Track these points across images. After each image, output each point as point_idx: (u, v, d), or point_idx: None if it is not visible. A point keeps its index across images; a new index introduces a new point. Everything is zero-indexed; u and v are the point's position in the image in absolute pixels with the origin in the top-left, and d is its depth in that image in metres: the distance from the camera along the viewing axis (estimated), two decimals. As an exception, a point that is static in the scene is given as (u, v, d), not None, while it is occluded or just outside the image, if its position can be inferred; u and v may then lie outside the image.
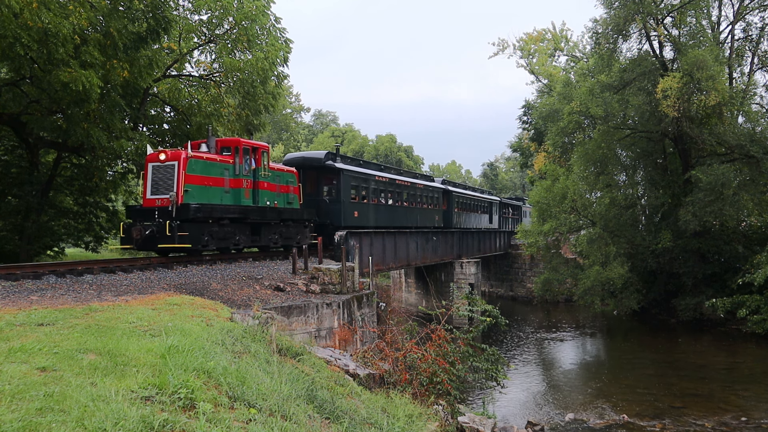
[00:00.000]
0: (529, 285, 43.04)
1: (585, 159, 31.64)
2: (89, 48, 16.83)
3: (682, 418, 15.86)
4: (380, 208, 26.09)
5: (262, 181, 18.30)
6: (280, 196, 19.41)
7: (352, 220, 23.20)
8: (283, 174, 19.83)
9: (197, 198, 15.74)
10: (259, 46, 22.91)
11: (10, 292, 10.19)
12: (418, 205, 30.39)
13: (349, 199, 23.32)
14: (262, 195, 18.30)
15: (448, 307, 14.79)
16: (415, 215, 29.69)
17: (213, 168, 16.60)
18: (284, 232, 19.74)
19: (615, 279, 28.69)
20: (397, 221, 27.50)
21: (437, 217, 32.86)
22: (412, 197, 29.74)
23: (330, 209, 22.79)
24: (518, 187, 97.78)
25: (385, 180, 26.78)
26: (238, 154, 17.39)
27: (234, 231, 17.17)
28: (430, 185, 32.45)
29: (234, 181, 17.26)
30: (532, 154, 55.74)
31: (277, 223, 19.26)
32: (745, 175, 27.74)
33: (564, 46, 53.73)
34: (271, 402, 5.61)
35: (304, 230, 20.89)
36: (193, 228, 15.36)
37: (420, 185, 30.79)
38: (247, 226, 17.91)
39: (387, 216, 26.53)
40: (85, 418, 4.08)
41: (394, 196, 27.71)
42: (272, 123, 52.95)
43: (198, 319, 8.52)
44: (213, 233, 16.26)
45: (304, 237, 20.80)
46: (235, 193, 17.29)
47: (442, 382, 11.32)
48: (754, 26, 31.38)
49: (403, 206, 28.48)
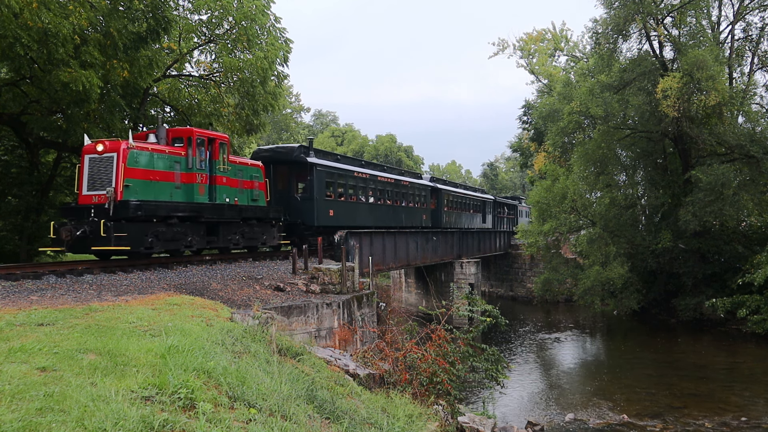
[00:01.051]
0: (529, 285, 43.03)
1: (585, 159, 31.64)
2: (89, 48, 16.83)
3: (682, 418, 15.85)
4: (359, 207, 24.69)
5: (220, 176, 16.72)
6: (243, 193, 17.81)
7: (326, 219, 21.80)
8: (246, 168, 18.26)
9: (140, 194, 14.11)
10: (259, 45, 22.90)
11: (10, 292, 10.19)
12: (403, 204, 29.09)
13: (323, 197, 21.74)
14: (220, 191, 16.69)
15: (448, 307, 14.78)
16: (399, 214, 28.37)
17: (161, 161, 14.94)
18: (247, 232, 18.09)
19: (615, 279, 28.69)
20: (379, 221, 26.10)
21: (425, 217, 31.49)
22: (397, 195, 28.44)
23: (301, 207, 21.27)
24: (518, 187, 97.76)
25: (365, 176, 25.37)
26: (191, 145, 15.69)
27: (185, 231, 15.43)
28: (416, 182, 31.15)
29: (186, 176, 15.58)
30: (532, 154, 55.74)
31: (237, 223, 17.63)
32: (745, 175, 27.74)
33: (564, 46, 53.74)
34: (271, 402, 5.61)
35: (270, 230, 19.31)
36: (134, 228, 13.79)
37: (405, 182, 29.42)
38: (201, 226, 16.19)
39: (367, 215, 25.16)
40: (85, 418, 4.08)
41: (376, 194, 26.30)
42: (272, 123, 52.93)
43: (198, 319, 8.52)
44: (159, 234, 14.56)
45: (271, 237, 19.31)
46: (188, 188, 15.61)
47: (442, 382, 11.32)
48: (754, 26, 31.42)
49: (386, 204, 27.14)
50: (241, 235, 17.82)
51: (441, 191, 34.07)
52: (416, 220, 30.24)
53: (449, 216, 35.34)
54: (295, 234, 20.99)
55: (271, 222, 19.36)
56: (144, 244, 14.19)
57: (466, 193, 39.97)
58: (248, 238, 18.20)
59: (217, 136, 16.84)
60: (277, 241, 19.70)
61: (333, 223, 22.14)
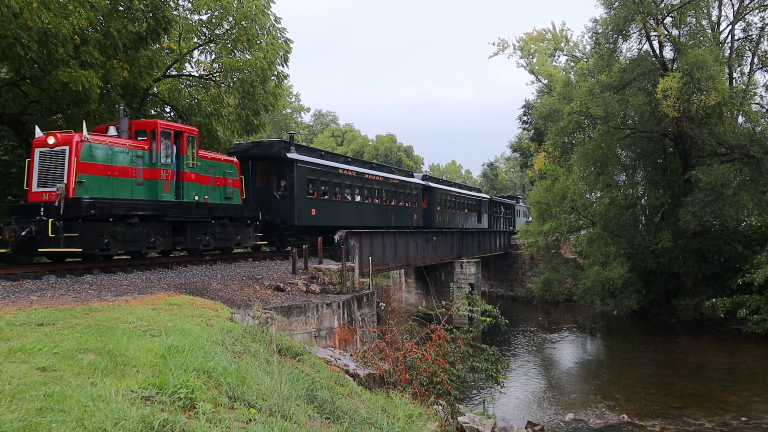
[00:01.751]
0: (529, 285, 43.01)
1: (585, 159, 31.65)
2: (89, 48, 16.83)
3: (682, 418, 15.85)
4: (344, 206, 23.56)
5: (188, 172, 15.61)
6: (215, 190, 16.77)
7: (307, 219, 20.66)
8: (218, 164, 17.13)
9: (96, 191, 13.03)
10: (259, 45, 22.90)
11: (10, 292, 10.19)
12: (393, 203, 27.92)
13: (304, 195, 20.57)
14: (188, 188, 15.59)
15: (448, 307, 14.79)
16: (388, 214, 27.15)
17: (120, 155, 13.85)
18: (219, 233, 16.89)
19: (615, 279, 28.70)
20: (366, 220, 24.99)
21: (416, 216, 30.33)
22: (385, 193, 27.26)
23: (281, 206, 20.02)
24: (518, 188, 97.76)
25: (351, 174, 24.16)
26: (156, 139, 14.57)
27: (148, 231, 14.33)
28: (407, 180, 29.90)
29: (150, 172, 14.50)
30: (532, 154, 55.74)
31: (208, 222, 16.47)
32: (745, 175, 27.74)
33: (564, 46, 53.73)
34: (271, 402, 5.61)
35: (246, 230, 18.11)
36: (87, 228, 12.69)
37: (395, 180, 28.16)
38: (166, 226, 15.04)
39: (353, 214, 24.08)
40: (85, 418, 4.08)
41: (363, 192, 25.19)
42: (272, 123, 52.93)
43: (198, 319, 8.52)
44: (117, 234, 13.47)
45: (246, 238, 18.14)
46: (151, 185, 14.53)
47: (442, 382, 11.33)
48: (754, 26, 31.43)
49: (374, 204, 26.00)
50: (212, 236, 16.61)
51: (433, 190, 33.06)
52: (407, 219, 29.15)
53: (442, 216, 34.26)
54: (275, 234, 20.00)
55: (246, 221, 18.18)
56: (99, 245, 13.10)
57: (460, 192, 38.87)
58: (220, 239, 16.98)
59: (184, 129, 15.71)
60: (253, 242, 18.59)
61: (315, 223, 21.22)
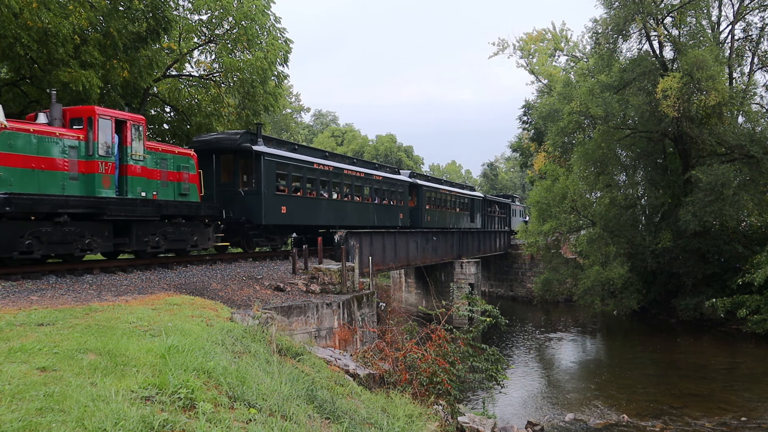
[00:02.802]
0: (529, 285, 43.02)
1: (585, 159, 31.65)
2: (89, 48, 16.85)
3: (682, 418, 15.85)
4: (320, 204, 21.75)
5: (133, 165, 13.96)
6: (168, 186, 15.05)
7: (276, 217, 19.09)
8: (172, 157, 15.38)
9: (17, 185, 11.63)
10: (259, 45, 22.93)
11: (10, 292, 10.19)
12: (376, 201, 26.34)
13: (273, 191, 18.94)
14: (133, 183, 13.99)
15: (448, 307, 14.78)
16: (370, 213, 25.49)
17: (47, 145, 12.31)
18: (171, 233, 15.14)
19: (615, 279, 28.72)
20: (346, 219, 23.33)
21: (402, 215, 28.56)
22: (368, 191, 25.68)
23: (246, 203, 18.44)
24: (518, 187, 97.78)
25: (328, 169, 22.38)
26: (93, 127, 12.92)
27: (82, 232, 12.71)
28: (392, 177, 28.18)
29: (86, 164, 12.87)
30: (532, 154, 55.76)
31: (157, 221, 14.74)
32: (745, 175, 27.75)
33: (564, 46, 53.74)
34: (271, 402, 5.61)
35: (204, 230, 16.35)
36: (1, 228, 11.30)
37: (378, 177, 26.44)
38: (105, 225, 13.37)
39: (330, 212, 22.39)
40: (85, 418, 4.08)
41: (342, 189, 23.32)
42: (272, 123, 52.93)
43: (198, 319, 8.52)
44: (42, 235, 11.96)
45: (205, 239, 16.36)
46: (88, 180, 12.91)
47: (442, 382, 11.32)
48: (754, 26, 31.43)
49: (354, 202, 24.28)
50: (163, 237, 14.89)
51: (421, 188, 31.30)
52: (391, 219, 27.50)
53: (432, 215, 32.51)
54: (240, 234, 18.53)
55: (205, 220, 16.43)
56: (18, 247, 11.56)
57: (451, 190, 36.85)
58: (173, 240, 15.25)
59: (129, 117, 13.97)
60: (213, 243, 16.98)
61: (286, 222, 19.66)
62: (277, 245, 20.40)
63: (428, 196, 32.13)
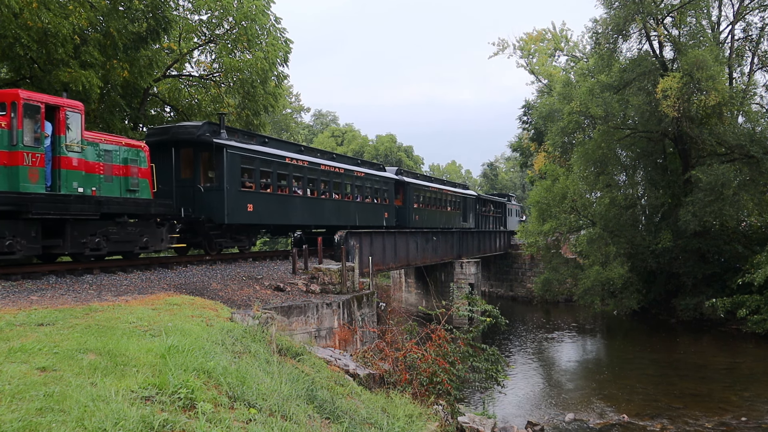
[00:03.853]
0: (529, 285, 43.03)
1: (585, 159, 31.65)
2: (89, 48, 16.85)
3: (682, 418, 15.85)
4: (293, 201, 20.05)
5: (68, 157, 12.33)
6: (112, 181, 13.43)
7: (241, 216, 17.59)
8: (117, 149, 13.70)
9: None
10: (259, 46, 22.93)
11: (10, 292, 10.19)
12: (358, 199, 24.51)
13: (237, 187, 17.30)
14: (68, 177, 12.33)
15: (448, 307, 14.78)
16: (350, 211, 23.68)
17: None
18: (115, 233, 13.48)
19: (615, 279, 28.72)
20: (323, 218, 21.84)
21: (386, 214, 26.81)
22: (348, 188, 23.93)
23: (207, 200, 16.83)
24: (518, 187, 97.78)
25: (303, 164, 20.55)
26: (17, 114, 11.33)
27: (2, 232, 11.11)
28: (376, 174, 26.39)
29: (8, 155, 11.30)
30: (532, 154, 55.77)
31: (98, 220, 13.02)
32: (745, 175, 27.76)
33: (564, 46, 53.76)
34: (271, 402, 5.61)
35: (156, 230, 14.68)
36: None
37: (359, 173, 24.61)
38: (32, 224, 11.76)
39: (305, 211, 20.73)
40: (85, 418, 4.08)
41: (318, 186, 21.56)
42: (272, 123, 52.97)
43: (198, 319, 8.52)
44: None
45: (157, 240, 14.67)
46: (10, 173, 11.38)
47: (442, 382, 11.33)
48: (754, 26, 31.44)
49: (333, 199, 22.49)
50: (104, 237, 13.22)
51: (409, 185, 29.45)
52: (375, 218, 25.76)
53: (420, 214, 30.62)
54: (200, 234, 17.03)
55: (156, 219, 14.80)
56: None
57: (441, 189, 34.74)
58: (117, 241, 13.60)
59: (63, 103, 12.34)
60: (167, 245, 15.25)
61: (253, 221, 18.22)
62: (245, 246, 18.95)
63: (416, 195, 30.49)
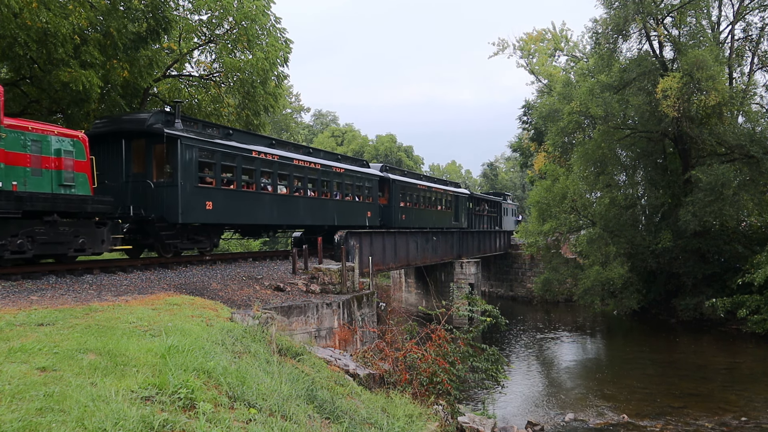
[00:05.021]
0: (529, 285, 43.04)
1: (585, 159, 31.66)
2: (89, 48, 16.86)
3: (682, 418, 15.85)
4: (261, 199, 18.37)
5: None
6: (42, 175, 11.97)
7: (199, 214, 15.91)
8: (47, 138, 12.17)
9: None
10: (259, 46, 22.94)
11: (10, 292, 10.19)
12: (337, 197, 22.78)
13: (194, 183, 15.62)
14: None
15: (448, 307, 14.79)
16: (328, 210, 21.99)
17: None
18: (42, 234, 11.98)
19: (615, 279, 28.71)
20: (297, 217, 20.16)
21: (369, 213, 25.09)
22: (326, 185, 22.11)
23: (159, 197, 15.16)
24: (518, 187, 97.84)
25: (272, 159, 18.86)
26: None
27: None
28: (358, 170, 24.68)
29: None
30: (532, 154, 55.79)
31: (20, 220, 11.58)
32: (745, 175, 27.76)
33: (564, 46, 53.77)
34: (271, 402, 5.61)
35: (96, 231, 13.13)
36: None
37: (338, 169, 22.85)
38: None
39: (274, 210, 18.96)
40: (85, 418, 4.08)
41: (290, 182, 19.83)
42: (272, 123, 52.99)
43: (198, 319, 8.52)
44: None
45: (97, 241, 13.12)
46: None
47: (442, 382, 11.34)
48: (754, 26, 31.43)
49: (307, 197, 20.79)
50: (28, 238, 11.75)
51: (394, 183, 27.72)
52: (356, 217, 24.02)
53: (407, 213, 28.96)
54: (151, 235, 15.34)
55: (94, 218, 13.26)
56: None
57: (431, 186, 32.84)
58: (45, 243, 12.09)
59: None
60: (109, 247, 13.51)
61: (213, 220, 16.49)
62: (205, 248, 17.28)
63: (402, 193, 28.80)
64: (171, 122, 15.74)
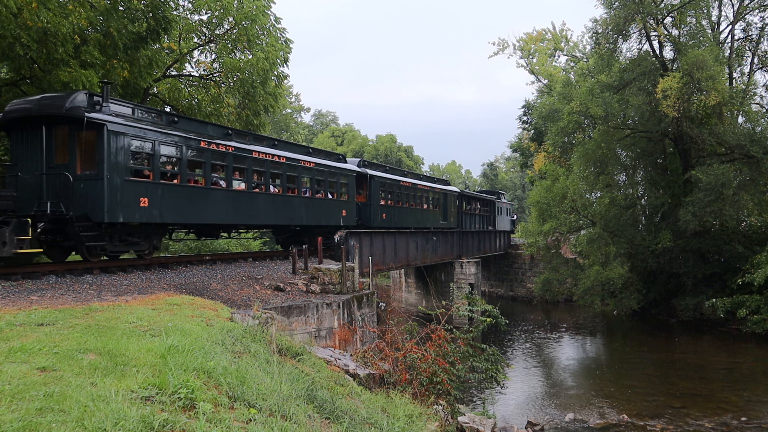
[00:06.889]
0: (529, 285, 43.05)
1: (585, 159, 31.66)
2: (89, 48, 16.85)
3: (682, 418, 15.86)
4: (211, 195, 16.15)
5: None
6: None
7: (132, 212, 13.63)
8: None
9: None
10: (259, 46, 22.94)
11: (10, 292, 10.19)
12: (307, 194, 20.70)
13: (124, 176, 13.42)
14: None
15: (448, 307, 14.79)
16: (294, 208, 19.78)
17: None
18: None
19: (615, 279, 28.72)
20: (255, 217, 17.98)
21: (344, 212, 22.78)
22: (293, 181, 20.03)
23: (82, 192, 12.98)
24: (518, 187, 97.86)
25: (227, 150, 16.82)
26: None
27: None
28: (332, 165, 22.32)
29: None
30: (532, 154, 55.78)
31: None
32: (745, 175, 27.76)
33: (564, 46, 53.78)
34: (271, 402, 5.61)
35: None
36: None
37: (308, 164, 20.60)
38: None
39: (229, 208, 16.84)
40: (85, 418, 4.08)
41: (249, 177, 17.73)
42: (272, 123, 52.97)
43: (198, 319, 8.52)
44: None
45: None
46: None
47: (442, 382, 11.34)
48: (754, 26, 31.46)
49: (269, 194, 18.62)
50: None
51: (373, 179, 25.48)
52: (329, 216, 21.82)
53: (388, 212, 26.65)
54: (71, 237, 13.01)
55: None
56: None
57: (415, 183, 30.46)
58: None
59: None
60: (14, 250, 11.59)
61: (150, 219, 14.16)
62: (143, 250, 14.87)
63: (383, 190, 26.46)
64: (95, 105, 13.25)
